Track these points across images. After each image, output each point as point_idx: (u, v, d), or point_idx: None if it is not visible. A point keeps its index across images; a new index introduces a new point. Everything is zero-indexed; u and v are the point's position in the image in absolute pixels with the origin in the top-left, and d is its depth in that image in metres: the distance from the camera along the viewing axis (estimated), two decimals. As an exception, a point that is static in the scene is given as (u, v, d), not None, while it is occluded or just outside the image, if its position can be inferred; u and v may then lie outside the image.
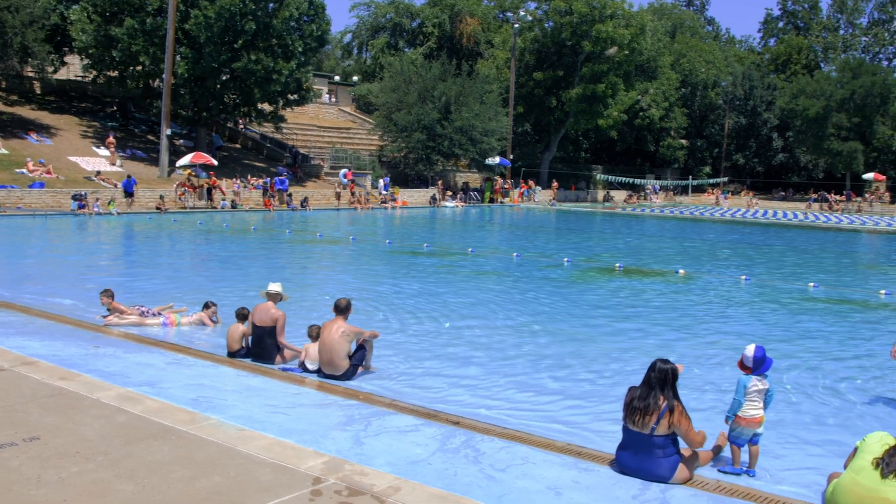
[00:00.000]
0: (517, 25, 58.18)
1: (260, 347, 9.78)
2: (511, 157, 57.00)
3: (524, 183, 57.55)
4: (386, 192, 46.88)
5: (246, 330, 10.06)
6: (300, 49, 43.09)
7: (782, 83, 76.36)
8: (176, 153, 41.47)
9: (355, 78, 73.20)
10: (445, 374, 9.53)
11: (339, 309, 9.26)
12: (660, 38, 67.80)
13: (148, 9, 39.22)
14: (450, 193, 51.69)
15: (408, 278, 18.26)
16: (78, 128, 42.98)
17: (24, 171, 34.57)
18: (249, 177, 42.48)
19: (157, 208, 34.60)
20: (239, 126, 51.03)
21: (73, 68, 48.03)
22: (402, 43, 73.18)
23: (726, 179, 73.63)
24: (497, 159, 53.09)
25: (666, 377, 6.11)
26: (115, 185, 35.66)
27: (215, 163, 39.07)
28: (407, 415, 7.29)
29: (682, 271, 20.15)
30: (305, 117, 58.49)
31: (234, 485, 5.18)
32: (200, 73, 40.32)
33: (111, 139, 40.54)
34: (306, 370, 9.31)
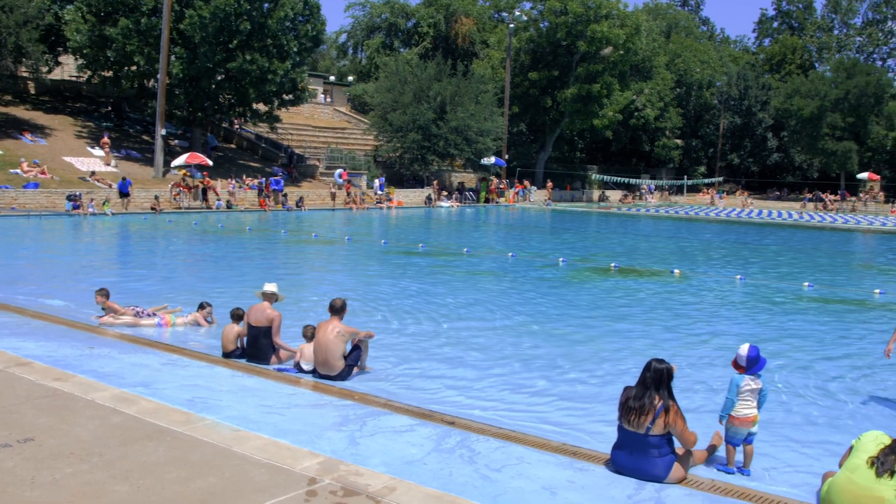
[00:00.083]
0: (512, 25, 58.21)
1: (255, 348, 9.77)
2: (506, 157, 57.04)
3: (518, 183, 57.57)
4: (381, 193, 46.87)
5: (241, 330, 10.04)
6: (295, 49, 43.08)
7: (777, 83, 76.56)
8: (171, 153, 41.39)
9: (350, 78, 73.17)
10: (440, 375, 9.53)
11: (334, 309, 9.25)
12: (655, 39, 67.95)
13: (142, 9, 39.18)
14: (445, 193, 51.69)
15: (403, 278, 18.25)
16: (72, 128, 42.89)
17: (18, 171, 34.48)
18: (245, 177, 42.45)
19: (152, 209, 34.54)
20: (234, 126, 50.96)
21: (68, 68, 47.91)
22: (397, 43, 73.13)
23: (721, 179, 73.80)
24: (492, 159, 53.14)
25: (661, 377, 6.12)
26: (110, 186, 35.59)
27: (210, 163, 39.01)
28: (402, 415, 7.29)
29: (677, 271, 20.18)
30: (301, 117, 58.46)
31: (229, 485, 5.17)
32: (195, 73, 40.27)
33: (106, 139, 40.46)
34: (301, 371, 9.30)
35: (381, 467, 5.71)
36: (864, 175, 61.62)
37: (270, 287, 10.07)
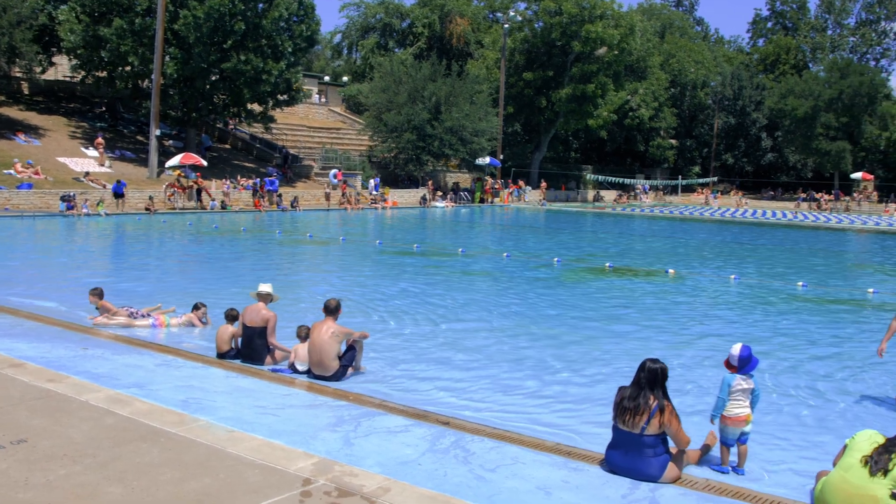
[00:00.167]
0: (507, 26, 58.23)
1: (250, 348, 9.75)
2: (501, 157, 57.08)
3: (513, 183, 57.59)
4: (376, 193, 46.84)
5: (235, 331, 10.02)
6: (290, 49, 43.04)
7: (771, 83, 76.69)
8: (165, 154, 41.34)
9: (345, 78, 73.12)
10: (435, 375, 9.52)
11: (328, 309, 9.24)
12: (649, 39, 68.00)
13: (137, 9, 39.08)
14: (440, 194, 51.68)
15: (398, 279, 18.24)
16: (66, 128, 42.78)
17: (11, 172, 34.38)
18: (239, 177, 42.39)
19: (147, 209, 34.46)
20: (229, 126, 50.89)
21: (62, 69, 47.79)
22: (391, 43, 73.15)
23: (716, 179, 73.88)
24: (487, 159, 53.15)
25: (655, 377, 6.12)
26: (104, 186, 35.52)
27: (205, 163, 38.96)
28: (397, 415, 7.28)
29: (671, 271, 20.21)
30: (295, 118, 58.41)
31: (224, 486, 5.17)
32: (190, 73, 40.20)
33: (100, 140, 40.37)
34: (296, 371, 9.29)
35: (376, 468, 5.70)
36: (857, 175, 61.76)
37: (265, 287, 10.06)
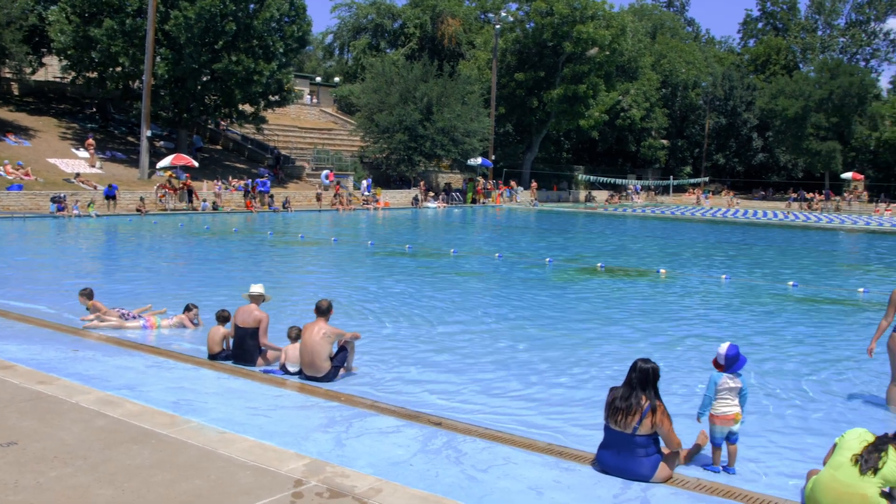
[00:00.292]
0: (498, 26, 58.28)
1: (241, 349, 9.73)
2: (493, 157, 57.13)
3: (503, 184, 57.60)
4: (368, 194, 46.82)
5: (227, 332, 10.00)
6: (281, 50, 42.99)
7: (762, 83, 76.99)
8: (156, 155, 41.21)
9: (337, 79, 73.04)
10: (427, 376, 9.52)
11: (320, 310, 9.23)
12: (640, 39, 68.20)
13: (127, 9, 38.93)
14: (432, 194, 51.68)
15: (390, 280, 18.23)
16: (57, 129, 42.61)
17: (2, 173, 34.20)
18: (231, 178, 42.29)
19: (138, 210, 34.36)
20: (220, 127, 50.77)
21: (52, 69, 47.63)
22: (383, 44, 73.11)
23: (707, 179, 74.12)
24: (479, 160, 53.20)
25: (647, 377, 6.12)
26: (95, 188, 35.40)
27: (196, 164, 38.87)
28: (388, 416, 7.27)
29: (663, 271, 20.26)
30: (287, 118, 58.34)
31: (215, 488, 5.15)
32: (181, 74, 40.10)
33: (90, 141, 40.25)
34: (287, 372, 9.28)
35: (368, 468, 5.70)
36: (848, 175, 62.09)
37: (257, 288, 10.05)
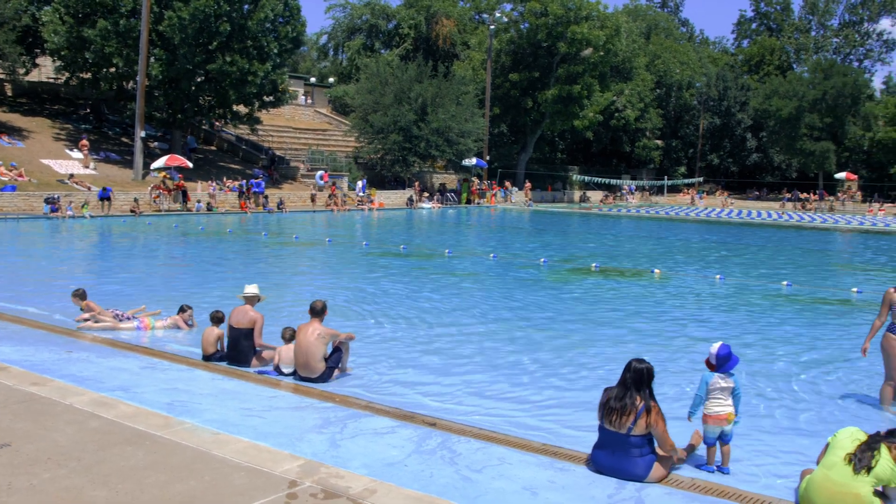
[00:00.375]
0: (493, 27, 58.32)
1: (236, 350, 9.71)
2: (487, 158, 57.14)
3: (497, 184, 57.61)
4: (363, 194, 46.80)
5: (221, 333, 9.99)
6: (275, 50, 42.96)
7: (755, 84, 77.19)
8: (150, 155, 41.13)
9: (331, 79, 73.01)
10: (422, 377, 9.51)
11: (314, 311, 9.22)
12: (634, 40, 68.26)
13: (121, 10, 38.89)
14: (426, 195, 51.69)
15: (384, 280, 18.21)
16: (50, 130, 42.50)
17: (-5, 174, 34.17)
18: (225, 179, 42.23)
19: (132, 211, 34.30)
20: (214, 128, 50.70)
21: (46, 70, 47.48)
22: (378, 44, 73.08)
23: (701, 179, 74.27)
24: (473, 160, 53.20)
25: (641, 377, 6.13)
26: (89, 188, 35.31)
27: (190, 165, 38.82)
28: (383, 417, 7.28)
29: (657, 271, 20.28)
30: (281, 119, 58.29)
31: (209, 489, 5.15)
32: (175, 74, 40.04)
33: (84, 142, 40.13)
34: (281, 373, 9.26)
35: (362, 469, 5.70)
36: (841, 175, 62.28)
37: (251, 289, 10.03)
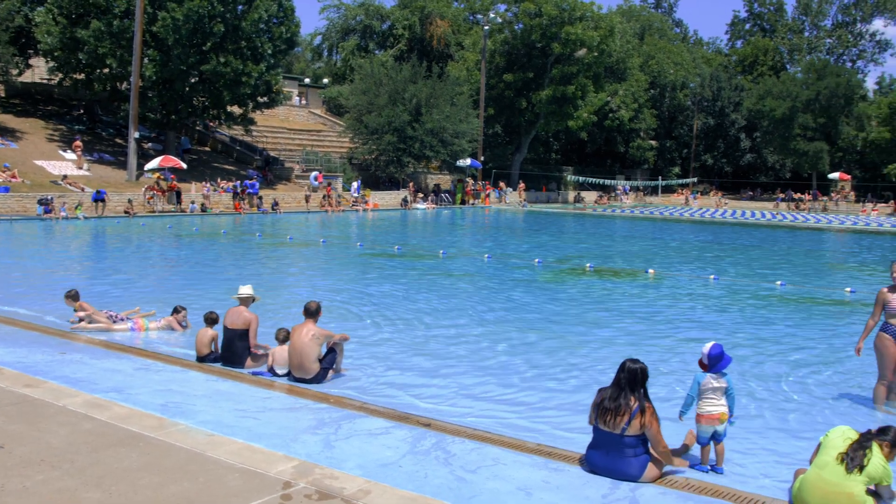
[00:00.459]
0: (487, 27, 58.32)
1: (230, 351, 9.70)
2: (482, 158, 57.15)
3: (489, 185, 57.60)
4: (357, 195, 46.77)
5: (215, 334, 9.97)
6: (269, 51, 42.89)
7: (749, 84, 77.35)
8: (144, 156, 41.05)
9: (325, 80, 72.94)
10: (416, 377, 9.51)
11: (309, 312, 9.21)
12: (629, 40, 68.38)
13: (115, 11, 38.77)
14: (421, 195, 51.68)
15: (379, 281, 18.21)
16: (44, 131, 42.38)
17: (-12, 175, 34.07)
18: (219, 180, 42.16)
19: (126, 212, 34.23)
20: (209, 129, 50.60)
21: (39, 71, 47.33)
22: (372, 45, 73.05)
23: (695, 180, 74.39)
24: (468, 161, 53.20)
25: (636, 377, 6.13)
26: (83, 190, 35.22)
27: (184, 166, 38.74)
28: (378, 417, 7.27)
29: (651, 271, 20.31)
30: (275, 120, 58.21)
31: (204, 491, 5.14)
32: (168, 75, 39.96)
33: (78, 143, 40.05)
34: (275, 374, 9.25)
35: (357, 470, 5.69)
36: (835, 175, 62.44)
37: (246, 289, 10.02)
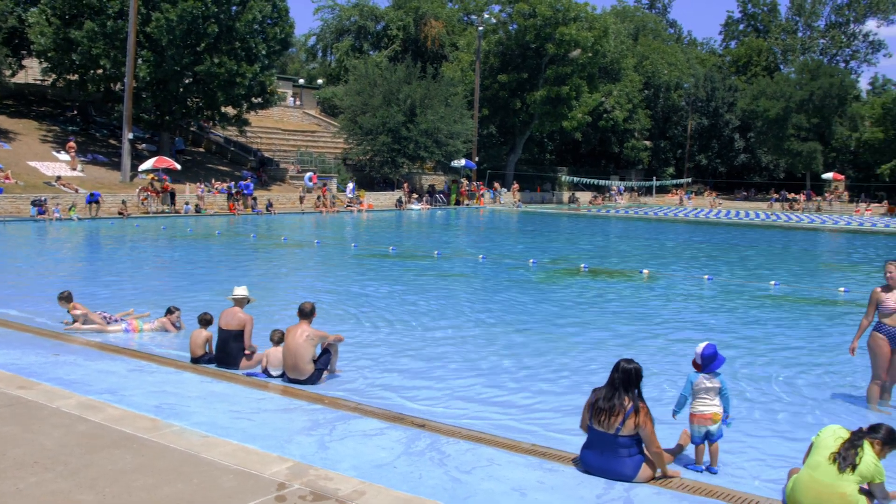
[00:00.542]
0: (481, 28, 58.35)
1: (224, 352, 9.69)
2: (476, 159, 57.17)
3: (483, 185, 57.62)
4: (352, 196, 46.74)
5: (209, 335, 9.95)
6: (264, 52, 42.81)
7: (743, 85, 77.55)
8: (138, 157, 40.96)
9: (320, 81, 72.87)
10: (411, 378, 9.51)
11: (303, 313, 9.20)
12: (623, 41, 68.42)
13: (108, 11, 38.65)
14: (415, 196, 51.67)
15: (373, 282, 18.20)
16: (37, 132, 42.25)
17: (-19, 176, 33.95)
18: (213, 181, 42.08)
19: (120, 213, 34.14)
20: (203, 130, 50.51)
21: (32, 72, 47.21)
22: (366, 46, 72.99)
23: (690, 180, 74.52)
24: (462, 162, 53.21)
25: (630, 377, 6.14)
26: (76, 191, 35.13)
27: (178, 167, 38.67)
28: (372, 418, 7.27)
29: (645, 271, 20.34)
30: (270, 120, 58.14)
31: (198, 492, 5.13)
32: (163, 76, 39.88)
33: (72, 144, 39.92)
34: (269, 376, 9.24)
35: (351, 471, 5.69)
36: (828, 175, 62.64)
37: (240, 290, 10.01)
